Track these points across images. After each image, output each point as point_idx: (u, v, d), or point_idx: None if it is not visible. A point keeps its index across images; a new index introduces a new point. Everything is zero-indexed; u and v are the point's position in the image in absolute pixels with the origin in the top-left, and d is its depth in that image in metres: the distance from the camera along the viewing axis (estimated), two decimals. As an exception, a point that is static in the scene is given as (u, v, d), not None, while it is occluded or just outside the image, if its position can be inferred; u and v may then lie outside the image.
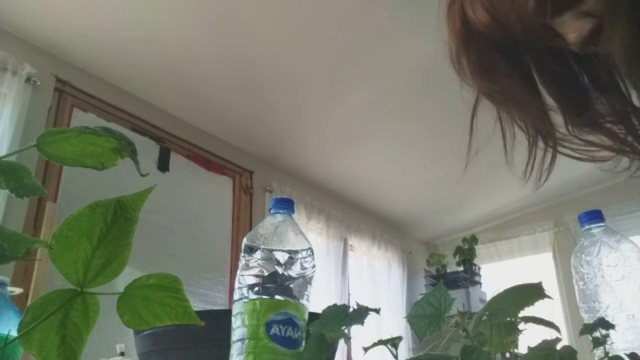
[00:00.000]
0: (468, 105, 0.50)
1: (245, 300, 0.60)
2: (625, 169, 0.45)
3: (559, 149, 0.45)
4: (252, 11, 2.69)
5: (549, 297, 0.55)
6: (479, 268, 4.89)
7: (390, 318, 4.34)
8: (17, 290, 0.90)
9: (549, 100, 0.46)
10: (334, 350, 0.68)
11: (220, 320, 0.65)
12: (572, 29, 0.38)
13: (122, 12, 2.62)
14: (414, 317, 0.60)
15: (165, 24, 2.73)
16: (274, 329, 0.58)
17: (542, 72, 0.43)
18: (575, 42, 0.38)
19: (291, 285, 0.61)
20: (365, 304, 0.59)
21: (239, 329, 0.59)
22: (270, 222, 0.65)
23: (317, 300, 0.61)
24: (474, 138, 0.52)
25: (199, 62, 2.99)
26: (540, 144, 0.47)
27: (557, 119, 0.45)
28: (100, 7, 2.58)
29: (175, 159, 3.35)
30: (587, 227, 0.79)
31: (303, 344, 0.60)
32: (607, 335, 0.65)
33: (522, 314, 0.55)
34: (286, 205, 0.67)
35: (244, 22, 2.75)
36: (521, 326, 0.58)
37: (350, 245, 4.48)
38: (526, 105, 0.45)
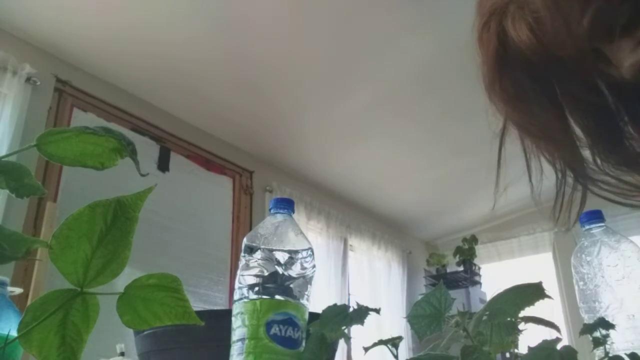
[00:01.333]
0: (494, 134, 0.47)
1: (246, 300, 0.60)
2: None
3: (590, 187, 0.42)
4: (253, 11, 2.69)
5: (549, 297, 0.55)
6: (479, 268, 4.89)
7: (390, 318, 4.34)
8: (17, 290, 0.90)
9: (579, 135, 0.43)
10: (334, 350, 0.68)
11: (220, 320, 0.65)
12: (629, 57, 0.35)
13: (122, 12, 2.62)
14: (414, 317, 0.60)
15: (166, 24, 2.73)
16: (274, 329, 0.58)
17: (576, 103, 0.40)
18: (631, 72, 0.35)
19: (291, 285, 0.61)
20: (365, 304, 0.59)
21: (239, 329, 0.59)
22: (270, 222, 0.65)
23: (317, 300, 0.61)
24: (501, 171, 0.49)
25: (199, 62, 2.99)
26: (570, 181, 0.44)
27: (586, 155, 0.43)
28: (100, 7, 2.58)
29: (175, 159, 3.35)
30: (587, 227, 0.79)
31: (303, 344, 0.60)
32: (607, 335, 0.65)
33: (522, 314, 0.55)
34: (286, 205, 0.67)
35: (245, 22, 2.75)
36: (521, 326, 0.58)
37: (350, 245, 4.48)
38: (559, 139, 0.42)
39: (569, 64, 0.35)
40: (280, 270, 0.61)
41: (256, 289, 0.60)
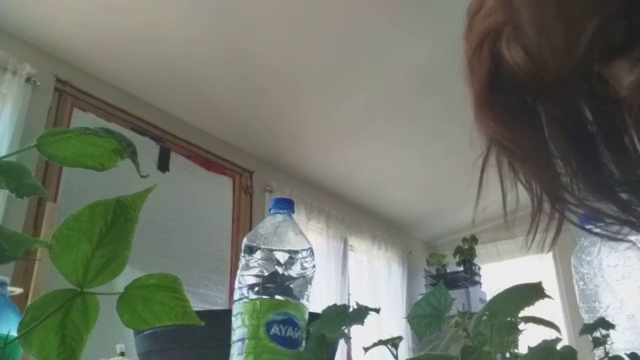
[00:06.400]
0: (477, 155, 0.47)
1: (246, 300, 0.60)
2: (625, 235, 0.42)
3: (567, 214, 0.42)
4: (253, 11, 2.69)
5: (549, 297, 0.55)
6: (479, 268, 4.89)
7: (390, 318, 4.34)
8: (17, 290, 0.90)
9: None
10: (334, 350, 0.68)
11: (220, 320, 0.65)
12: (626, 77, 0.34)
13: (123, 12, 2.62)
14: (414, 317, 0.60)
15: (166, 24, 2.73)
16: (274, 329, 0.58)
17: (559, 126, 0.40)
18: (629, 92, 0.34)
19: (291, 285, 0.61)
20: (365, 304, 0.59)
21: (239, 329, 0.59)
22: (270, 222, 0.65)
23: (317, 300, 0.61)
24: (482, 191, 0.48)
25: (199, 62, 2.99)
26: (546, 208, 0.44)
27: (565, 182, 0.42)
28: (100, 7, 2.58)
29: (175, 159, 3.35)
30: (587, 227, 0.79)
31: (303, 344, 0.60)
32: (607, 335, 0.65)
33: (522, 314, 0.55)
34: (286, 205, 0.67)
35: (245, 22, 2.75)
36: (521, 326, 0.58)
37: (350, 245, 4.48)
38: (541, 164, 0.42)
39: (564, 85, 0.35)
40: (280, 270, 0.61)
41: (256, 289, 0.60)
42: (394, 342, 0.57)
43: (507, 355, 0.60)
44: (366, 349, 0.60)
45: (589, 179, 0.40)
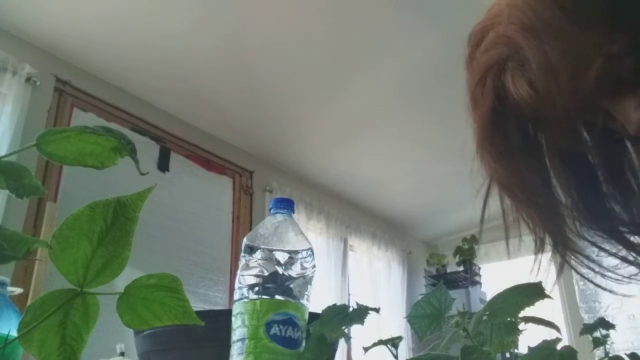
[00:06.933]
0: (478, 191, 0.46)
1: (246, 300, 0.60)
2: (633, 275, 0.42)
3: (567, 258, 0.42)
4: (253, 10, 2.69)
5: (549, 297, 0.55)
6: (479, 268, 4.89)
7: (390, 318, 4.34)
8: (17, 290, 0.90)
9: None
10: (334, 350, 0.68)
11: (220, 320, 0.65)
12: (634, 114, 0.33)
13: (123, 12, 2.62)
14: (414, 317, 0.60)
15: (166, 25, 2.72)
16: (274, 329, 0.58)
17: (559, 159, 0.39)
18: (635, 131, 0.34)
19: (291, 285, 0.61)
20: (365, 304, 0.59)
21: (239, 329, 0.59)
22: (270, 222, 0.65)
23: (317, 300, 0.61)
24: (484, 222, 0.48)
25: (199, 62, 2.99)
26: (548, 248, 0.43)
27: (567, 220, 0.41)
28: (100, 8, 2.58)
29: (175, 159, 3.35)
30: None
31: (303, 344, 0.60)
32: (607, 335, 0.65)
33: (522, 313, 0.55)
34: (286, 205, 0.67)
35: (245, 22, 2.75)
36: (521, 326, 0.58)
37: (350, 245, 4.48)
38: (542, 204, 0.41)
39: (568, 120, 0.35)
40: (280, 270, 0.61)
41: (256, 289, 0.60)
42: (394, 342, 0.57)
43: (507, 355, 0.60)
44: (366, 349, 0.60)
45: (591, 212, 0.40)
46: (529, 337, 0.59)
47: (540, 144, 0.39)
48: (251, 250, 0.62)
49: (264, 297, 0.59)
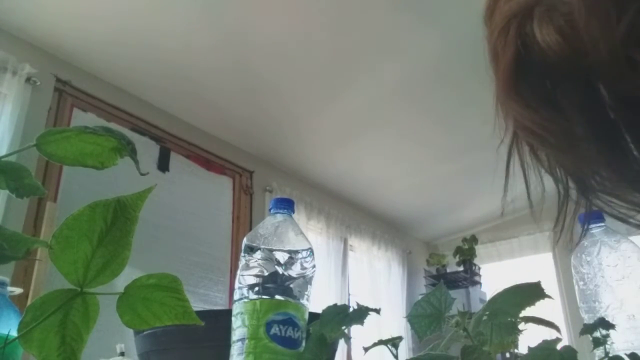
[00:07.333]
0: (502, 144, 0.45)
1: (246, 300, 0.60)
2: None
3: (595, 202, 0.41)
4: (253, 10, 2.69)
5: (549, 297, 0.55)
6: (479, 268, 4.89)
7: (390, 318, 4.34)
8: (17, 290, 0.90)
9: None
10: (334, 350, 0.68)
11: (220, 320, 0.65)
12: None
13: (122, 12, 2.62)
14: (414, 317, 0.60)
15: (166, 24, 2.72)
16: (274, 329, 0.58)
17: (580, 114, 0.39)
18: None
19: (291, 285, 0.61)
20: (365, 304, 0.59)
21: (239, 329, 0.59)
22: (270, 222, 0.65)
23: (317, 300, 0.61)
24: (509, 181, 0.47)
25: (199, 62, 2.99)
26: (573, 198, 0.43)
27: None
28: (100, 8, 2.58)
29: (175, 159, 3.35)
30: (587, 227, 0.79)
31: (303, 344, 0.60)
32: (607, 335, 0.65)
33: (522, 314, 0.55)
34: (286, 205, 0.67)
35: (244, 21, 2.75)
36: (521, 326, 0.58)
37: (350, 245, 4.48)
38: (571, 149, 0.41)
39: (600, 71, 0.34)
40: (280, 270, 0.61)
41: (256, 289, 0.60)
42: (394, 342, 0.57)
43: (507, 355, 0.60)
44: (366, 349, 0.60)
45: (611, 165, 0.39)
46: (529, 337, 0.59)
47: (569, 93, 0.39)
48: (251, 250, 0.62)
49: (264, 297, 0.59)
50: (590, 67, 0.34)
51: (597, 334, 0.65)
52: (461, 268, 4.79)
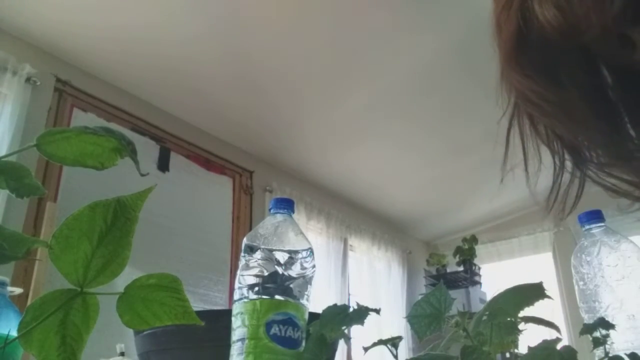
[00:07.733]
0: (503, 114, 0.46)
1: (246, 300, 0.60)
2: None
3: (589, 174, 0.41)
4: (253, 11, 2.69)
5: (549, 297, 0.55)
6: (479, 268, 4.89)
7: (390, 318, 4.34)
8: (17, 290, 0.90)
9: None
10: (334, 350, 0.68)
11: (220, 320, 0.65)
12: None
13: (122, 12, 2.62)
14: (414, 317, 0.60)
15: (166, 24, 2.72)
16: (274, 329, 0.58)
17: (577, 90, 0.39)
18: None
19: (291, 285, 0.61)
20: (365, 304, 0.59)
21: (239, 329, 0.59)
22: (270, 222, 0.65)
23: (317, 300, 0.61)
24: (509, 152, 0.47)
25: (199, 61, 2.99)
26: (568, 170, 0.43)
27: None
28: (100, 7, 2.58)
29: (175, 159, 3.35)
30: (587, 227, 0.79)
31: (303, 344, 0.60)
32: (607, 335, 0.65)
33: (522, 314, 0.55)
34: (286, 205, 0.67)
35: (244, 21, 2.75)
36: (521, 326, 0.58)
37: (350, 245, 4.48)
38: (569, 120, 0.41)
39: (595, 46, 0.34)
40: (280, 270, 0.61)
41: (256, 289, 0.60)
42: (394, 342, 0.57)
43: (507, 355, 0.60)
44: (366, 349, 0.60)
45: (607, 143, 0.39)
46: (529, 337, 0.59)
47: (567, 68, 0.39)
48: (251, 250, 0.62)
49: (264, 297, 0.59)
50: (587, 44, 0.34)
51: (597, 334, 0.65)
52: (461, 268, 4.79)
